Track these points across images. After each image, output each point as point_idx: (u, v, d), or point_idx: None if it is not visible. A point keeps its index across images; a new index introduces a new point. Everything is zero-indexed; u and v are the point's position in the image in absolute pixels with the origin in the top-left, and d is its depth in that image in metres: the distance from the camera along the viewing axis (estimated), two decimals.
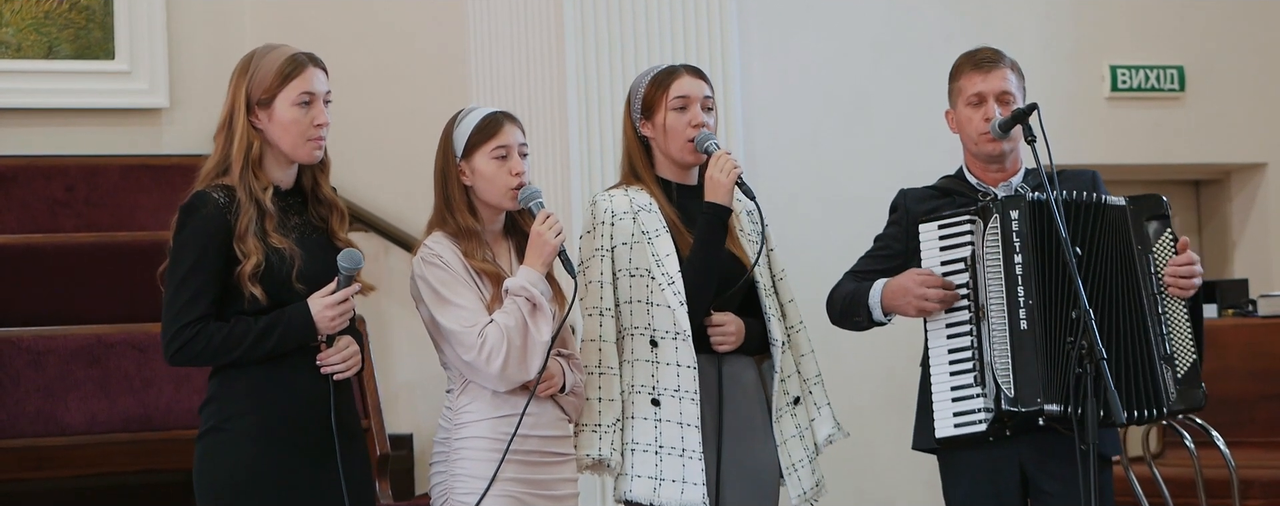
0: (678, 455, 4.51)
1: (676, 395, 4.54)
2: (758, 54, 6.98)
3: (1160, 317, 4.55)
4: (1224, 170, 8.08)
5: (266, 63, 4.18)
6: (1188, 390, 4.53)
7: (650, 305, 4.57)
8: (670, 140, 4.64)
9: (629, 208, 4.62)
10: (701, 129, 4.62)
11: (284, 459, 4.10)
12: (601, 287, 4.59)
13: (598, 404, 4.54)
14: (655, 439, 4.53)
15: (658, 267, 4.55)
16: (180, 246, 4.09)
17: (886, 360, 6.67)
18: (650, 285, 4.57)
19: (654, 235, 4.58)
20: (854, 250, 4.96)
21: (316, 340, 4.12)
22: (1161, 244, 4.60)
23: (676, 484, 4.50)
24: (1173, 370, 4.52)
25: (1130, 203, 4.60)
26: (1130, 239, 4.58)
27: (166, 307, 4.09)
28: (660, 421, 4.54)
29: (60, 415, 5.85)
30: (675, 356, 4.54)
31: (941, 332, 4.61)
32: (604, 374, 4.56)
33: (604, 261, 4.60)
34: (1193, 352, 4.56)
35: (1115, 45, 7.65)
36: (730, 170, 4.56)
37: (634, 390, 4.57)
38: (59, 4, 7.16)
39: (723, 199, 4.56)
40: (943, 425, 4.58)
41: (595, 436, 4.52)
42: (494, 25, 6.88)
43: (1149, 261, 4.57)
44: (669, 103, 4.63)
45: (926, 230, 4.65)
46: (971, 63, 4.74)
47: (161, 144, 7.24)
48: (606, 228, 4.61)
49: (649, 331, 4.57)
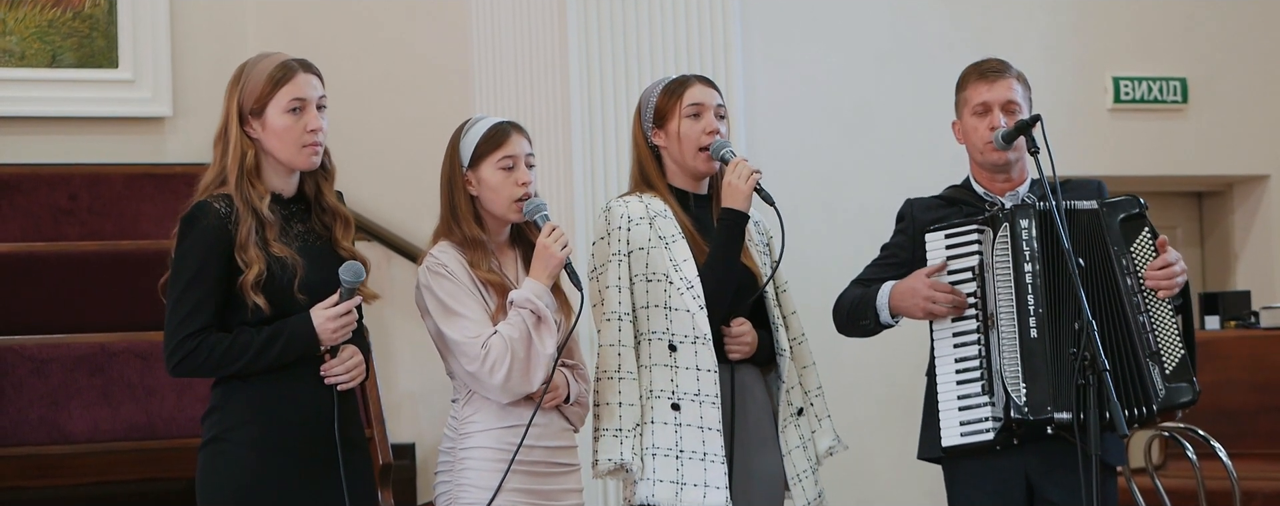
0: (699, 459, 4.50)
1: (697, 399, 4.52)
2: (761, 64, 6.98)
3: (1144, 315, 4.54)
4: (1227, 182, 8.08)
5: (257, 71, 4.17)
6: (1177, 385, 4.51)
7: (669, 310, 4.56)
8: (684, 148, 4.65)
9: (645, 213, 4.62)
10: (716, 136, 4.63)
11: (286, 469, 4.10)
12: (619, 292, 4.57)
13: (618, 408, 4.52)
14: (676, 443, 4.52)
15: (676, 272, 4.55)
16: (181, 257, 4.08)
17: (887, 371, 6.68)
18: (668, 289, 4.56)
19: (671, 240, 4.58)
20: (856, 260, 4.96)
21: (319, 351, 4.12)
22: (1140, 243, 4.59)
23: (699, 487, 4.49)
24: (1160, 366, 4.51)
25: (1102, 205, 4.60)
26: (1105, 241, 4.57)
27: (168, 319, 4.08)
28: (681, 426, 4.53)
29: (63, 423, 5.85)
30: (695, 360, 4.54)
31: (948, 341, 4.62)
32: (624, 379, 4.54)
33: (621, 266, 4.59)
34: (1181, 349, 4.55)
35: (1118, 57, 7.66)
36: (748, 176, 4.55)
37: (653, 395, 4.55)
38: (63, 13, 7.17)
39: (741, 205, 4.56)
40: (949, 433, 4.59)
41: (616, 441, 4.50)
42: (497, 35, 6.88)
43: (1129, 262, 4.56)
44: (683, 110, 4.64)
45: (933, 238, 4.66)
46: (977, 73, 4.76)
47: (165, 153, 7.25)
48: (622, 232, 4.60)
49: (667, 336, 4.56)
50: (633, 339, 4.57)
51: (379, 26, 7.34)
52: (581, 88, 6.53)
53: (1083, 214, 4.59)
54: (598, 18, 6.57)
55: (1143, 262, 4.57)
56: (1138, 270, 4.56)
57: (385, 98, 7.25)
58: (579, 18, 6.54)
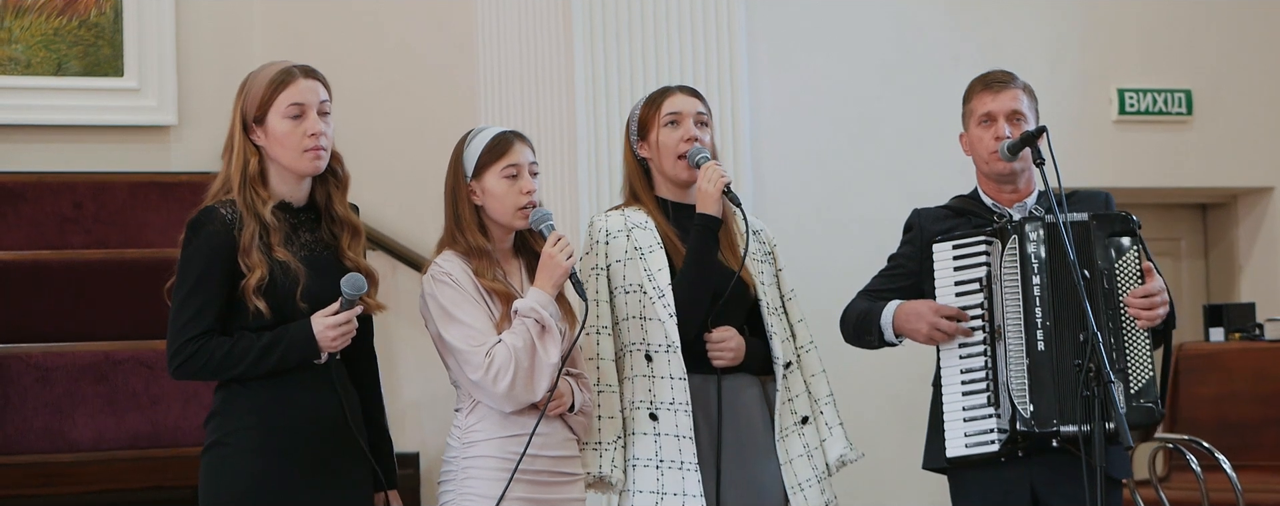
0: (677, 468, 4.53)
1: (672, 408, 4.56)
2: (766, 75, 6.99)
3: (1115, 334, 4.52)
4: (1231, 194, 8.08)
5: (259, 79, 4.20)
6: (1139, 405, 4.50)
7: (644, 320, 4.59)
8: (663, 157, 4.69)
9: (623, 226, 4.66)
10: (693, 143, 4.65)
11: (287, 473, 4.11)
12: (598, 306, 4.62)
13: (597, 422, 4.57)
14: (655, 453, 4.55)
15: (649, 282, 4.59)
16: (186, 261, 4.11)
17: (894, 379, 6.67)
18: (643, 300, 4.60)
19: (647, 251, 4.62)
20: (861, 270, 4.96)
21: (318, 358, 4.13)
22: (1125, 261, 4.58)
23: (678, 497, 4.52)
24: (1125, 385, 4.50)
25: (1093, 219, 4.60)
26: (1092, 256, 4.56)
27: (171, 322, 4.10)
28: (659, 435, 4.56)
29: (68, 432, 5.85)
30: (668, 369, 4.57)
31: (954, 352, 4.62)
32: (604, 391, 4.59)
33: (600, 279, 4.64)
34: (1150, 370, 4.53)
35: (1123, 68, 7.66)
36: (717, 180, 4.59)
37: (634, 406, 4.59)
38: (69, 21, 7.17)
39: (711, 209, 4.59)
40: (954, 444, 4.59)
41: (597, 454, 4.55)
42: (502, 44, 6.89)
43: (1108, 279, 4.54)
44: (661, 119, 4.69)
45: (941, 249, 4.66)
46: (982, 83, 4.78)
47: (170, 161, 7.24)
48: (601, 246, 4.66)
49: (644, 346, 4.60)
50: (612, 352, 4.62)
51: (385, 35, 7.34)
52: (587, 98, 6.53)
53: (1074, 226, 4.57)
54: (603, 28, 6.57)
55: (1125, 281, 4.56)
56: (1121, 289, 4.55)
57: (391, 107, 7.24)
58: (585, 28, 6.55)
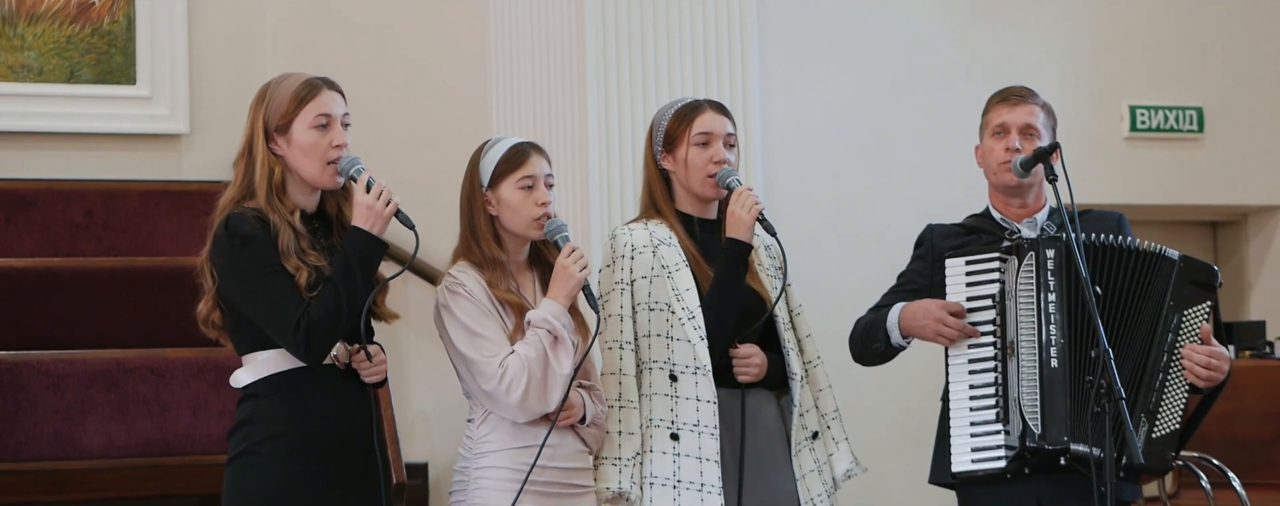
0: (697, 490, 4.51)
1: (696, 430, 4.54)
2: (778, 90, 6.99)
3: (1160, 376, 4.53)
4: (1242, 212, 8.08)
5: (282, 89, 4.22)
6: (1158, 451, 4.49)
7: (670, 339, 4.58)
8: (691, 175, 4.67)
9: (649, 241, 4.63)
10: (723, 165, 4.64)
11: (315, 481, 4.13)
12: (621, 321, 4.60)
13: (618, 437, 4.55)
14: (673, 473, 4.54)
15: (678, 302, 4.57)
16: (248, 258, 4.10)
17: (901, 394, 6.67)
18: (670, 319, 4.58)
19: (674, 269, 4.60)
20: (872, 285, 4.96)
21: (383, 247, 4.15)
22: (1194, 312, 4.58)
23: None
24: (1150, 427, 4.50)
25: (1182, 259, 4.59)
26: (1165, 292, 4.56)
27: (271, 316, 4.09)
28: (679, 456, 4.54)
29: (78, 439, 5.85)
30: (695, 391, 4.55)
31: (964, 368, 4.62)
32: (624, 407, 4.57)
33: (624, 295, 4.62)
34: (1178, 421, 4.52)
35: (1134, 85, 7.66)
36: (751, 206, 4.58)
37: (653, 424, 4.57)
38: (81, 29, 7.18)
39: (744, 235, 4.58)
40: (960, 460, 4.58)
41: (615, 469, 4.53)
42: (515, 56, 6.89)
43: (1175, 321, 4.55)
44: (692, 138, 4.66)
45: (953, 264, 4.66)
46: (1001, 96, 4.81)
47: (181, 169, 7.25)
48: (626, 261, 4.63)
49: (668, 365, 4.58)
50: (634, 367, 4.60)
51: (396, 46, 7.34)
52: (598, 111, 6.54)
53: (1164, 261, 4.57)
54: (615, 42, 6.58)
55: (1188, 332, 4.56)
56: (1180, 334, 4.55)
57: (402, 118, 7.25)
58: (597, 41, 6.55)
